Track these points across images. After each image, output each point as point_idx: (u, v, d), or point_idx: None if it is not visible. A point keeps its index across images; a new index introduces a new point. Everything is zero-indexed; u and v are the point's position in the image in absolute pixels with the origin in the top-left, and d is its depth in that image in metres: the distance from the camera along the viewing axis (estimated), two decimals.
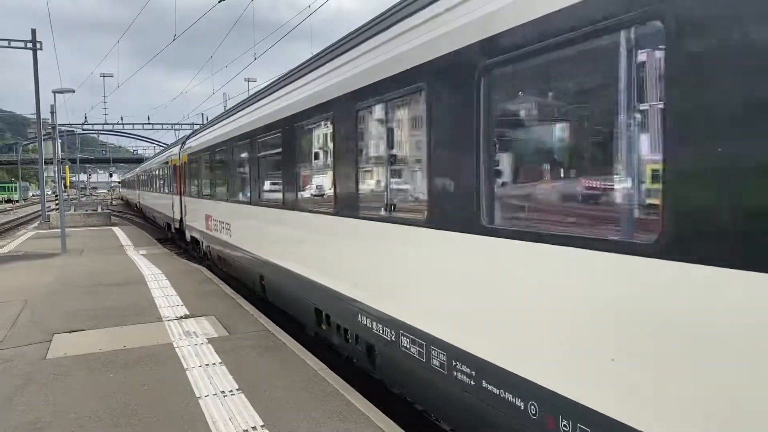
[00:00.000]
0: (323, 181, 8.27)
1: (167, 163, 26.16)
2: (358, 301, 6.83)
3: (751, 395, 2.78)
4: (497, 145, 4.60)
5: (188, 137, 22.98)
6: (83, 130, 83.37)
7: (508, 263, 4.39)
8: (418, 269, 5.58)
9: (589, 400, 3.65)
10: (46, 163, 32.34)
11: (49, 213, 32.98)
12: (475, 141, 4.59)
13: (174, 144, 30.06)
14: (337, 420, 5.62)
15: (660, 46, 3.16)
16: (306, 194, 8.86)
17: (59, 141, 29.83)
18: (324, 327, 8.19)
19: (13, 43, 30.21)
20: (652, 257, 3.21)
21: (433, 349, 5.30)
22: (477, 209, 4.61)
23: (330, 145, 7.65)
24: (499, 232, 4.44)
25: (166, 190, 26.20)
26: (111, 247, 21.41)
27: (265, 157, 10.81)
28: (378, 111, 6.43)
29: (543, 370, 4.04)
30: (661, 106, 3.16)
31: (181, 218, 22.00)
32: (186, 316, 9.94)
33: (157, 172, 31.38)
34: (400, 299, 5.97)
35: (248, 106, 12.45)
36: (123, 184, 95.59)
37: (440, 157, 5.20)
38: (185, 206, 21.03)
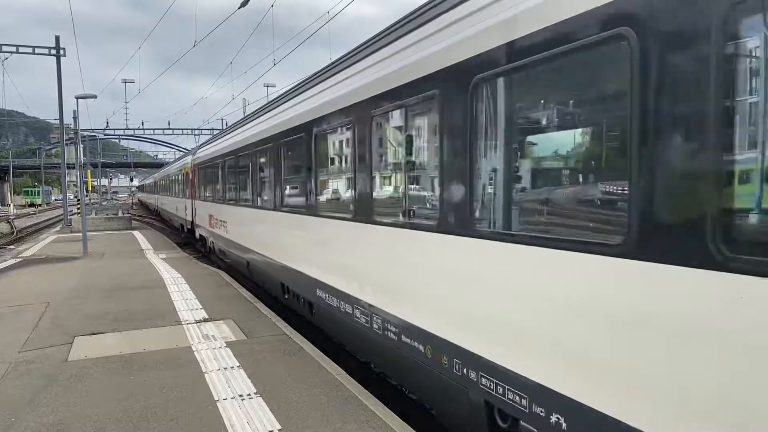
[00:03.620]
0: (271, 188, 11.58)
1: (181, 170, 29.27)
2: (306, 275, 9.23)
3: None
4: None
5: (197, 149, 27.25)
6: (105, 135, 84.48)
7: (414, 244, 5.86)
8: (349, 250, 7.64)
9: (463, 342, 5.05)
10: (68, 167, 32.84)
11: (71, 217, 33.46)
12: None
13: (186, 154, 34.43)
14: (354, 425, 5.60)
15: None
16: (266, 197, 12.04)
17: (81, 146, 30.23)
18: (286, 296, 10.99)
19: (37, 50, 30.76)
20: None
21: (357, 308, 7.31)
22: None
23: (276, 162, 11.24)
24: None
25: (180, 195, 29.03)
26: (131, 250, 21.63)
27: (245, 170, 14.00)
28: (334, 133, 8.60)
29: (435, 323, 5.50)
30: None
31: (192, 219, 24.39)
32: (205, 320, 9.99)
33: (172, 179, 34.57)
34: (337, 274, 8.04)
35: (234, 129, 16.25)
36: (141, 189, 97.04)
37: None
38: (195, 209, 23.47)
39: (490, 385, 4.69)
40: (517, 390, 4.35)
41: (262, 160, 12.34)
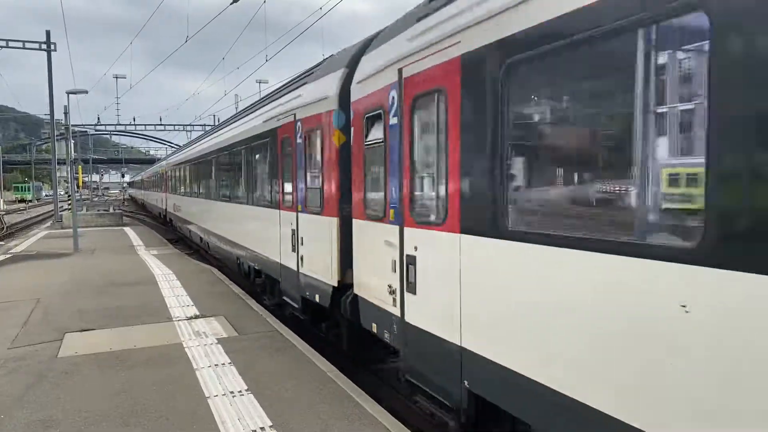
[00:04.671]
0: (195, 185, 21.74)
1: (158, 172, 40.59)
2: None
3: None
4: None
5: (169, 155, 42.14)
6: (96, 130, 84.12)
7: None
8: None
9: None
10: (59, 163, 32.62)
11: (62, 213, 33.29)
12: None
13: (163, 158, 47.78)
14: (345, 422, 5.62)
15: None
16: (202, 189, 20.21)
17: (72, 141, 30.04)
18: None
19: (27, 45, 30.51)
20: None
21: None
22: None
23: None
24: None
25: (160, 190, 37.56)
26: (122, 247, 21.55)
27: (187, 175, 24.19)
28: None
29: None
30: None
31: (165, 208, 33.16)
32: (196, 316, 9.98)
33: (153, 178, 45.12)
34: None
35: (181, 150, 28.60)
36: (131, 185, 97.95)
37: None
38: (167, 200, 32.05)
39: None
40: None
41: (197, 169, 21.40)
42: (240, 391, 6.44)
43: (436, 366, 5.42)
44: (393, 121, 6.08)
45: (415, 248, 5.67)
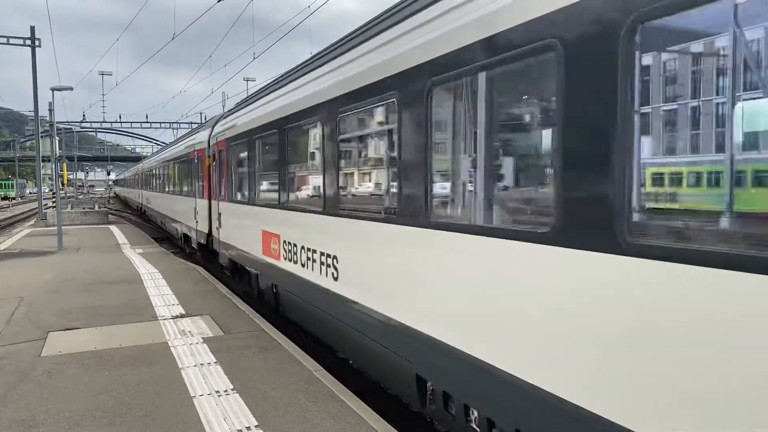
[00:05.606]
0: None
1: (135, 173, 42.72)
2: (181, 221, 22.19)
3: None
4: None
5: (143, 163, 46.91)
6: (81, 127, 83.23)
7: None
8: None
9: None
10: (43, 160, 32.32)
11: (46, 210, 32.93)
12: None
13: (140, 164, 50.57)
14: (331, 421, 5.62)
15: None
16: (159, 186, 30.47)
17: (57, 138, 29.76)
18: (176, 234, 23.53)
19: (12, 40, 30.15)
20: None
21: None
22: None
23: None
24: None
25: (137, 188, 40.71)
26: (108, 245, 21.38)
27: (154, 175, 34.03)
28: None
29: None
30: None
31: (141, 201, 33.22)
32: (181, 315, 9.93)
33: (133, 179, 46.13)
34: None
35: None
36: (116, 183, 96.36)
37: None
38: (142, 195, 34.08)
39: None
40: None
41: (156, 173, 31.46)
42: (226, 391, 6.42)
43: (235, 258, 13.24)
44: (217, 156, 15.22)
45: (219, 210, 14.77)
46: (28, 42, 29.66)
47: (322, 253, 7.80)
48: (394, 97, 5.81)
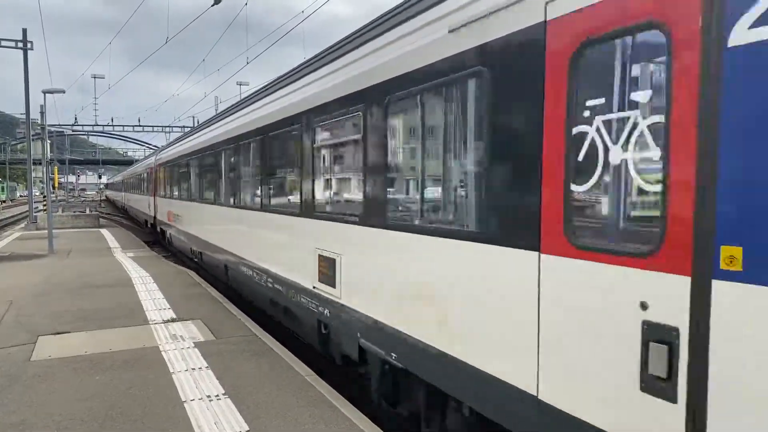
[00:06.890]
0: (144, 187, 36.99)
1: (122, 179, 56.06)
2: (145, 212, 32.45)
3: None
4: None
5: (126, 172, 55.79)
6: (73, 131, 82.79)
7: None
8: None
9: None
10: (34, 163, 32.15)
11: (37, 214, 32.73)
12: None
13: (124, 172, 61.84)
14: (323, 425, 5.61)
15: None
16: (135, 189, 40.44)
17: (48, 141, 29.63)
18: (145, 222, 32.76)
19: (3, 43, 30.02)
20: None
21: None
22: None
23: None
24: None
25: (122, 191, 54.37)
26: (99, 248, 21.28)
27: (132, 182, 43.68)
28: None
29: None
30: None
31: (123, 203, 45.38)
32: (173, 320, 9.89)
33: (119, 184, 61.11)
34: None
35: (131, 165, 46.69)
36: (108, 186, 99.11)
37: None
38: (125, 197, 47.44)
39: None
40: None
41: (132, 180, 42.33)
42: (217, 396, 6.40)
43: (161, 226, 24.74)
44: (156, 172, 26.52)
45: (156, 203, 26.59)
46: (20, 44, 29.53)
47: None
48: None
